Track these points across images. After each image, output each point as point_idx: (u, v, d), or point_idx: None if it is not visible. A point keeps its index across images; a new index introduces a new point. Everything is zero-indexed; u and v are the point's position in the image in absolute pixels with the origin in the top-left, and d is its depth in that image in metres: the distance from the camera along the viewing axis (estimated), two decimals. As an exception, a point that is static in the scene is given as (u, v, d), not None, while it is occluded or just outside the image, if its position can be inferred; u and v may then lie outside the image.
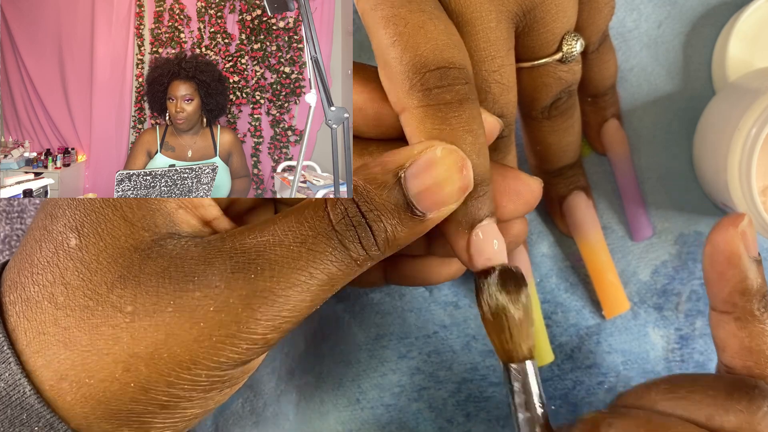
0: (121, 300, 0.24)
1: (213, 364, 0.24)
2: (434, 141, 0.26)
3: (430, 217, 0.25)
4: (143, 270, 0.25)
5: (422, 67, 0.26)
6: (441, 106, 0.26)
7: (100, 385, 0.24)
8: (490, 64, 0.29)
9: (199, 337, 0.24)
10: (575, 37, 0.32)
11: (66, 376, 0.24)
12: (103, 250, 0.25)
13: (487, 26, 0.29)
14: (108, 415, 0.25)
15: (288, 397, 0.41)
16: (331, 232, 0.24)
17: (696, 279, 0.41)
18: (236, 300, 0.24)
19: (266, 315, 0.24)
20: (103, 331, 0.24)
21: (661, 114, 0.42)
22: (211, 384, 0.25)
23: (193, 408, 0.26)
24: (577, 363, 0.41)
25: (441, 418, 0.40)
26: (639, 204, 0.41)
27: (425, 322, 0.41)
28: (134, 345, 0.24)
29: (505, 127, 0.32)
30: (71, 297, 0.25)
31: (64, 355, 0.24)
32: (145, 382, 0.24)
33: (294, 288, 0.24)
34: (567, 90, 0.34)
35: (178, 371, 0.24)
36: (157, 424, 0.25)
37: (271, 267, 0.24)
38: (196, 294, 0.24)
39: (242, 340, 0.24)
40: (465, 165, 0.25)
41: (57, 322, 0.25)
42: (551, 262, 0.41)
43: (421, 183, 0.25)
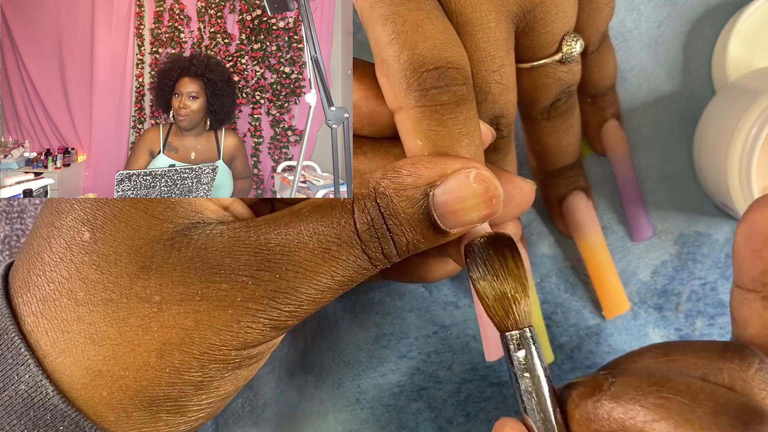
0: (146, 290, 0.25)
1: (240, 345, 0.25)
2: (470, 161, 0.26)
3: (453, 233, 0.26)
4: (167, 260, 0.25)
5: (420, 66, 0.26)
6: (438, 107, 0.26)
7: (136, 375, 0.25)
8: (490, 64, 0.29)
9: (228, 322, 0.25)
10: (575, 38, 0.32)
11: (99, 372, 0.25)
12: (121, 242, 0.25)
13: (487, 26, 0.29)
14: (146, 402, 0.25)
15: (288, 397, 0.41)
16: (356, 241, 0.25)
17: (696, 279, 0.41)
18: (262, 294, 0.25)
19: (288, 307, 0.25)
20: (131, 323, 0.25)
21: (661, 114, 0.42)
22: (240, 361, 0.26)
23: (226, 385, 0.26)
24: (577, 363, 0.41)
25: (441, 419, 0.40)
26: (639, 204, 0.41)
27: (425, 322, 0.41)
28: (165, 333, 0.25)
29: (505, 128, 0.32)
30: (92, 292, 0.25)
31: (93, 352, 0.25)
32: (179, 365, 0.25)
33: (315, 287, 0.25)
34: (567, 90, 0.34)
35: (209, 353, 0.25)
36: (193, 406, 0.26)
37: (295, 269, 0.25)
38: (223, 286, 0.25)
39: (266, 325, 0.25)
40: (496, 195, 0.26)
41: (80, 318, 0.25)
42: (551, 262, 0.41)
43: (449, 205, 0.25)
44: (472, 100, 0.27)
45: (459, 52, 0.27)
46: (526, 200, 0.31)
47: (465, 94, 0.27)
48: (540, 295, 0.41)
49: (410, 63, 0.26)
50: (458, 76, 0.26)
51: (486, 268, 0.26)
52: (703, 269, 0.41)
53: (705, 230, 0.41)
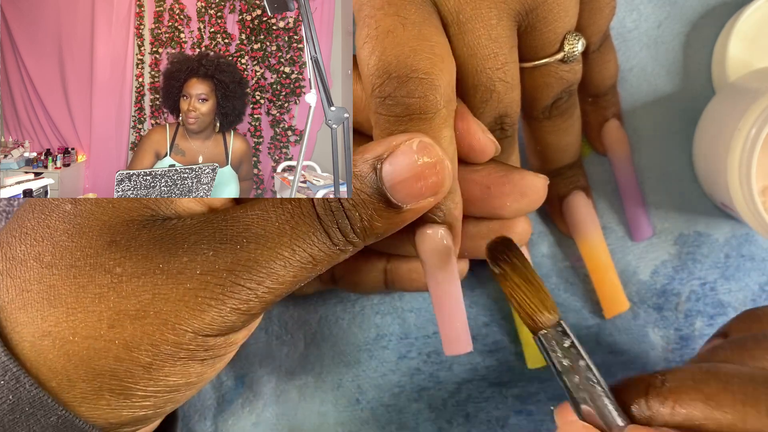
0: (110, 262, 0.25)
1: (197, 325, 0.25)
2: (415, 134, 0.26)
3: (407, 209, 0.26)
4: (137, 237, 0.25)
5: (383, 73, 0.27)
6: (390, 117, 0.27)
7: (84, 342, 0.24)
8: (494, 61, 0.29)
9: (185, 297, 0.25)
10: (577, 37, 0.32)
11: (49, 332, 0.24)
12: (98, 217, 0.26)
13: (488, 23, 0.29)
14: (90, 374, 0.25)
15: (288, 398, 0.41)
16: (314, 216, 0.25)
17: (696, 279, 0.41)
18: (221, 266, 0.25)
19: (249, 283, 0.25)
20: (90, 290, 0.25)
21: (661, 114, 0.42)
22: (194, 348, 0.25)
23: (175, 375, 0.26)
24: (577, 363, 0.41)
25: (441, 419, 0.40)
26: (639, 204, 0.41)
27: (425, 322, 0.41)
28: (121, 303, 0.24)
29: (509, 127, 0.32)
30: (58, 256, 0.25)
31: (47, 312, 0.25)
32: (130, 339, 0.24)
33: (276, 261, 0.25)
34: (568, 90, 0.34)
35: (162, 330, 0.25)
36: (139, 391, 0.25)
37: (256, 240, 0.25)
38: (183, 259, 0.25)
39: (226, 303, 0.25)
40: (439, 161, 0.26)
41: (42, 279, 0.25)
42: (551, 262, 0.41)
43: (396, 175, 0.25)
44: (434, 114, 0.27)
45: (429, 59, 0.27)
46: (539, 196, 0.31)
47: (421, 107, 0.27)
48: (540, 295, 0.41)
49: (376, 68, 0.27)
50: (417, 88, 0.26)
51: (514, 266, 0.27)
52: (703, 269, 0.41)
53: (705, 230, 0.41)
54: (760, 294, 0.41)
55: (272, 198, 0.26)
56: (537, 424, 0.40)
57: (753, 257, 0.41)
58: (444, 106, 0.27)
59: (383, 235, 0.27)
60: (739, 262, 0.41)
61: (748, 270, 0.41)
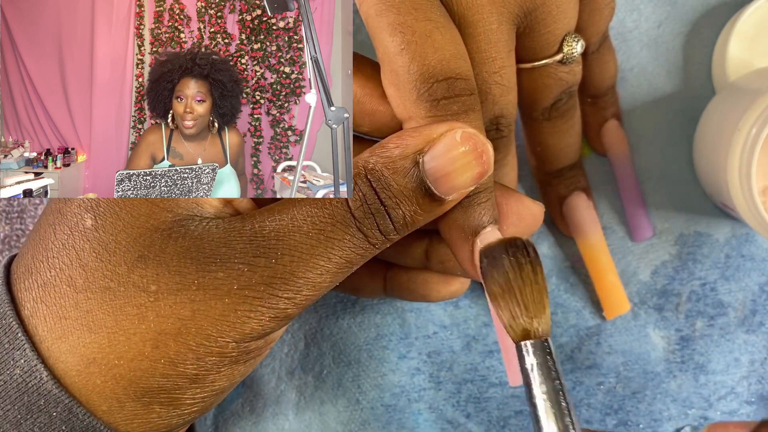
0: (143, 280, 0.25)
1: (239, 336, 0.25)
2: (454, 123, 0.26)
3: (449, 200, 0.26)
4: (165, 250, 0.25)
5: (430, 78, 0.26)
6: (448, 116, 0.26)
7: (130, 365, 0.25)
8: (491, 65, 0.29)
9: (224, 312, 0.25)
10: (576, 38, 0.32)
11: (94, 359, 0.24)
12: (121, 230, 0.25)
13: (489, 28, 0.29)
14: (140, 393, 0.25)
15: (288, 398, 0.41)
16: (350, 219, 0.25)
17: (696, 279, 0.41)
18: (258, 280, 0.25)
19: (287, 293, 0.25)
20: (128, 312, 0.25)
21: (661, 114, 0.42)
22: (237, 355, 0.26)
23: (221, 380, 0.26)
24: (577, 364, 0.41)
25: (441, 419, 0.40)
26: (639, 204, 0.41)
27: (425, 322, 0.41)
28: (161, 323, 0.25)
29: (505, 128, 0.32)
30: (90, 279, 0.25)
31: (89, 339, 0.25)
32: (175, 356, 0.25)
33: (313, 271, 0.25)
34: (567, 91, 0.34)
35: (206, 344, 0.25)
36: (187, 399, 0.26)
37: (290, 253, 0.25)
38: (219, 274, 0.25)
39: (265, 315, 0.25)
40: (485, 150, 0.25)
41: (78, 305, 0.25)
42: (551, 262, 0.41)
43: (440, 168, 0.25)
44: (479, 109, 0.27)
45: (466, 63, 0.27)
46: (536, 222, 0.31)
47: (473, 104, 0.27)
48: (540, 295, 0.41)
49: (420, 74, 0.26)
50: (467, 87, 0.27)
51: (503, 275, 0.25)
52: (703, 269, 0.41)
53: (705, 230, 0.41)
54: (760, 294, 0.41)
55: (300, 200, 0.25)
56: (537, 424, 0.40)
57: (753, 257, 0.41)
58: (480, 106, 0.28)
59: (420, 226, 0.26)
60: (740, 262, 0.41)
61: (748, 270, 0.41)
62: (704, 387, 0.40)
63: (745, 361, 0.41)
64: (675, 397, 0.40)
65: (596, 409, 0.40)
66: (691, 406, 0.40)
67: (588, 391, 0.40)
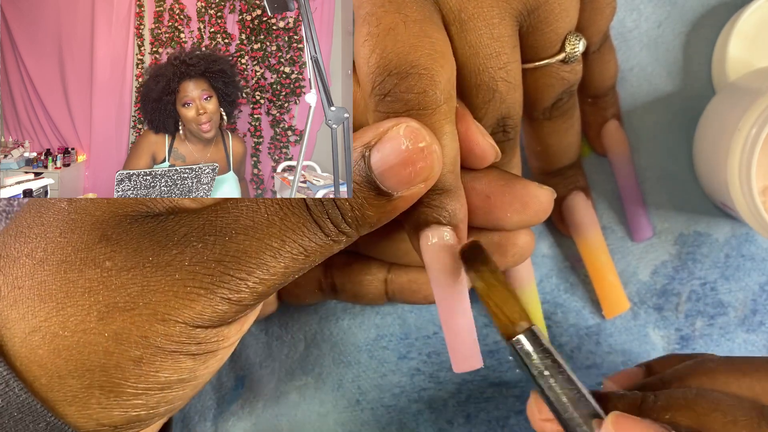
0: (101, 256, 0.25)
1: (187, 316, 0.24)
2: (402, 119, 0.25)
3: (398, 196, 0.25)
4: (128, 231, 0.25)
5: (383, 71, 0.26)
6: (390, 115, 0.26)
7: (74, 336, 0.24)
8: (497, 60, 0.29)
9: (173, 287, 0.24)
10: (578, 38, 0.32)
11: (38, 328, 0.24)
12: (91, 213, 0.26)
13: (491, 22, 0.29)
14: (80, 369, 0.24)
15: (287, 399, 0.41)
16: (303, 206, 0.25)
17: (696, 279, 0.41)
18: (210, 257, 0.24)
19: (239, 273, 0.25)
20: (80, 284, 0.25)
21: (661, 114, 0.42)
22: (185, 340, 0.25)
23: (166, 370, 0.25)
24: (577, 363, 0.41)
25: (441, 419, 0.40)
26: (639, 204, 0.41)
27: (425, 323, 0.41)
28: (110, 296, 0.24)
29: (512, 129, 0.31)
30: (50, 252, 0.25)
31: (38, 308, 0.24)
32: (119, 330, 0.24)
33: (266, 252, 0.25)
34: (568, 90, 0.34)
35: (152, 321, 0.24)
36: (129, 387, 0.25)
37: (245, 231, 0.25)
38: (173, 251, 0.25)
39: (216, 293, 0.24)
40: (427, 146, 0.25)
41: (33, 276, 0.25)
42: (551, 262, 0.41)
43: (384, 162, 0.25)
44: (434, 110, 0.26)
45: (430, 55, 0.27)
46: (543, 208, 0.29)
47: (421, 103, 0.26)
48: (540, 295, 0.41)
49: (377, 66, 0.26)
50: (417, 83, 0.26)
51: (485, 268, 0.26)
52: (703, 269, 0.41)
53: (705, 230, 0.41)
54: (760, 294, 0.41)
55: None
56: (537, 424, 0.40)
57: (753, 257, 0.41)
58: (444, 102, 0.27)
59: (377, 225, 0.26)
60: (739, 262, 0.41)
61: (748, 270, 0.41)
62: (704, 387, 0.40)
63: (745, 361, 0.41)
64: (675, 397, 0.40)
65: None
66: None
67: (588, 391, 0.40)
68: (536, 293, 0.40)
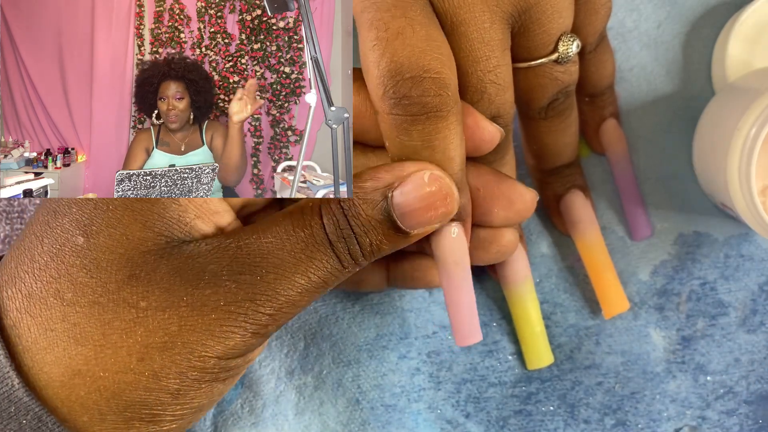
0: (133, 297, 0.25)
1: (221, 351, 0.26)
2: (425, 164, 0.27)
3: (414, 233, 0.27)
4: (156, 269, 0.26)
5: (396, 74, 0.27)
6: (407, 117, 0.27)
7: (115, 377, 0.25)
8: (486, 64, 0.29)
9: (210, 327, 0.25)
10: (571, 38, 0.32)
11: (79, 371, 0.25)
12: (113, 250, 0.26)
13: (481, 26, 0.29)
14: (122, 407, 0.25)
15: (287, 398, 0.41)
16: (326, 241, 0.26)
17: (695, 279, 0.41)
18: (243, 297, 0.26)
19: (269, 310, 0.26)
20: (116, 326, 0.25)
21: (661, 114, 0.42)
22: (218, 372, 0.26)
23: (200, 397, 0.27)
24: (576, 363, 0.41)
25: (441, 419, 0.40)
26: (638, 204, 0.41)
27: (425, 322, 0.41)
28: (148, 336, 0.25)
29: (503, 128, 0.32)
30: (79, 293, 0.25)
31: (75, 351, 0.25)
32: (159, 369, 0.25)
33: (294, 289, 0.26)
34: (564, 91, 0.34)
35: (189, 359, 0.25)
36: (167, 416, 0.26)
37: (275, 270, 0.26)
38: (207, 291, 0.25)
39: (248, 330, 0.26)
40: (450, 193, 0.27)
41: (65, 318, 0.25)
42: (550, 262, 0.41)
43: (406, 205, 0.26)
44: (449, 112, 0.27)
45: (438, 59, 0.27)
46: (526, 208, 0.31)
47: (437, 105, 0.27)
48: (540, 295, 0.41)
49: (388, 70, 0.27)
50: (432, 87, 0.27)
51: None
52: (703, 269, 0.41)
53: (704, 230, 0.41)
54: (760, 294, 0.41)
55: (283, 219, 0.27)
56: (537, 424, 0.40)
57: (752, 257, 0.41)
58: (455, 104, 0.28)
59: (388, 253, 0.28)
60: (739, 262, 0.41)
61: (747, 270, 0.41)
62: (703, 387, 0.40)
63: (745, 361, 0.41)
64: (674, 398, 0.40)
65: (595, 409, 0.40)
66: (689, 406, 0.40)
67: (587, 390, 0.40)
68: (533, 290, 0.40)
